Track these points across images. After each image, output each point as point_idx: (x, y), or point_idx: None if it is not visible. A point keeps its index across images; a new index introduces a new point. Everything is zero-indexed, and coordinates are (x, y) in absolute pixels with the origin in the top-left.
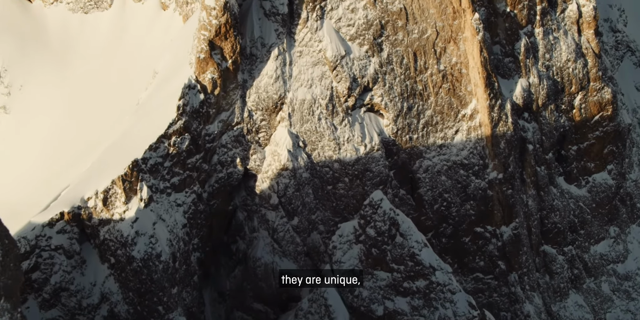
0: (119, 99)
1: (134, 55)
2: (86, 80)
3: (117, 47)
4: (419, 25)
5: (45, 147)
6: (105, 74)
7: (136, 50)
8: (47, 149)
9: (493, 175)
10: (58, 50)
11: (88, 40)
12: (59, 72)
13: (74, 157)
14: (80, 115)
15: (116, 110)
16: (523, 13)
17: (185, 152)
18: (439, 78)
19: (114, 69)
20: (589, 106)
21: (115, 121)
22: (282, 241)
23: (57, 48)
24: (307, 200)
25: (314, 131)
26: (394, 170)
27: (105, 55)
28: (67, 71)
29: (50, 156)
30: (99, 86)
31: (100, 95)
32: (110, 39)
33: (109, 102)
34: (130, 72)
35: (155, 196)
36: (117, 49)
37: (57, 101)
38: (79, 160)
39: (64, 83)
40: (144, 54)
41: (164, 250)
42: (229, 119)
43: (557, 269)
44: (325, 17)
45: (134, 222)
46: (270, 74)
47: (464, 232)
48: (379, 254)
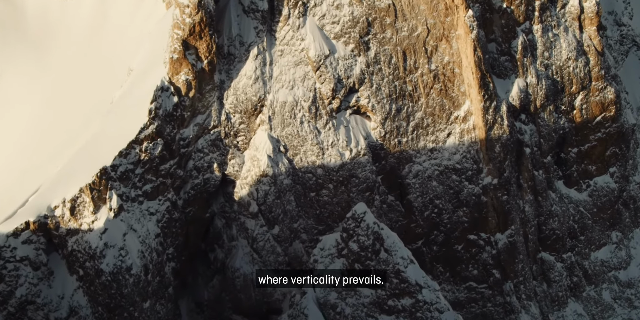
0: (98, 91)
1: (116, 43)
2: (66, 70)
3: (98, 36)
4: (409, 22)
5: (23, 137)
6: (86, 64)
7: (118, 39)
8: (25, 140)
9: (487, 180)
10: (37, 38)
11: (69, 27)
12: (38, 61)
13: (54, 149)
14: (60, 106)
15: (94, 103)
16: (520, 9)
17: (158, 158)
18: (430, 78)
19: (95, 58)
20: (590, 107)
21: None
22: (262, 251)
23: (36, 35)
24: (288, 208)
25: (295, 135)
26: (382, 175)
27: (86, 44)
28: (46, 60)
29: (29, 147)
30: (78, 76)
31: (80, 86)
32: (92, 26)
33: (88, 93)
34: (111, 62)
35: (126, 205)
36: (98, 37)
37: (36, 91)
38: (58, 153)
39: (43, 72)
40: (125, 43)
41: (134, 262)
42: (205, 122)
43: (555, 277)
44: (308, 13)
45: (102, 233)
46: (249, 75)
47: (456, 240)
48: (363, 270)
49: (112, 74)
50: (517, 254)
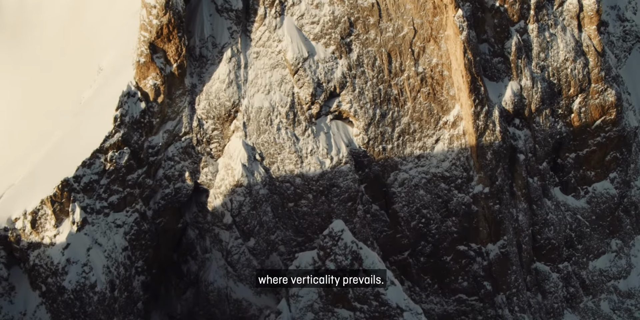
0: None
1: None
2: (40, 66)
3: (74, 30)
4: (394, 22)
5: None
6: (60, 60)
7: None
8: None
9: (478, 189)
10: (12, 32)
11: (45, 20)
12: (11, 55)
13: (23, 151)
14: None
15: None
16: (515, 7)
17: (125, 167)
18: (417, 81)
19: (69, 54)
20: (589, 110)
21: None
22: (237, 264)
23: (11, 29)
24: (265, 219)
25: (272, 142)
26: (365, 184)
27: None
28: (20, 54)
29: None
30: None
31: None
32: (68, 20)
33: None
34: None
35: (90, 217)
36: (74, 32)
37: (12, 86)
38: (26, 157)
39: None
40: (97, 39)
41: (99, 279)
42: (175, 129)
43: (551, 288)
44: (286, 13)
45: (65, 248)
46: (223, 78)
47: (445, 251)
48: (340, 291)
49: (83, 72)
50: (510, 265)
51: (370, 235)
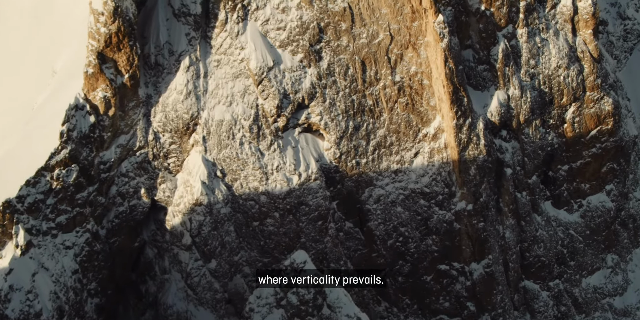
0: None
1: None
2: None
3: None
4: (369, 28)
5: None
6: (20, 59)
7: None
8: None
9: (461, 205)
10: None
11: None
12: None
13: None
14: None
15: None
16: (502, 11)
17: (73, 185)
18: (394, 91)
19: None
20: (584, 120)
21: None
22: (197, 287)
23: None
24: (227, 240)
25: (234, 158)
26: (338, 201)
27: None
28: None
29: None
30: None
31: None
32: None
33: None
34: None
35: (36, 240)
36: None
37: None
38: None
39: None
40: (56, 40)
41: (45, 306)
42: (129, 143)
43: (540, 307)
44: (249, 18)
45: (7, 274)
46: (180, 89)
47: (425, 270)
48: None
49: (39, 75)
50: (496, 284)
51: (344, 254)
